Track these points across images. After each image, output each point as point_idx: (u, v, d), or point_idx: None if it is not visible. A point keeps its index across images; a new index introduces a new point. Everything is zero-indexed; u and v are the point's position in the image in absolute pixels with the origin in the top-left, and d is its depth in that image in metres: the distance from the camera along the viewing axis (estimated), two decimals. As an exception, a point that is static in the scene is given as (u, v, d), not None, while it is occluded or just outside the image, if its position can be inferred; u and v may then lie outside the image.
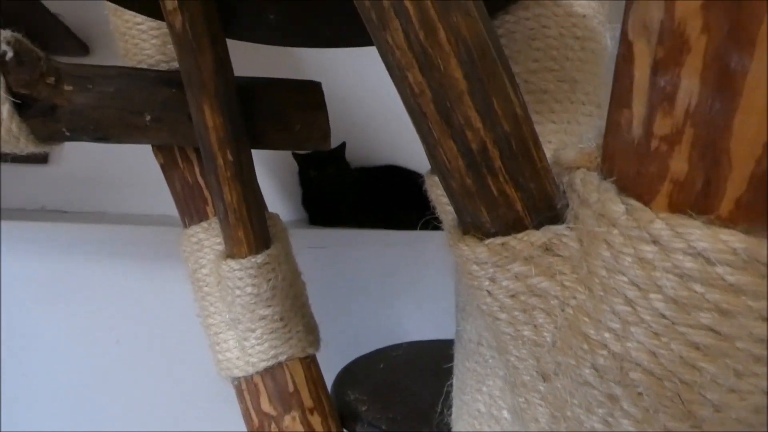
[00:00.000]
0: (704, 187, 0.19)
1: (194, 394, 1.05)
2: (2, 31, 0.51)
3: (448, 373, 0.61)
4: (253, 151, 0.58)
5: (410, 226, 1.17)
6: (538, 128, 0.27)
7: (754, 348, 0.19)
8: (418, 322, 1.14)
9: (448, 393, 0.61)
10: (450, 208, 0.52)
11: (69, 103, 0.54)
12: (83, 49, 1.01)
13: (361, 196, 1.16)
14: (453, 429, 0.58)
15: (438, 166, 0.27)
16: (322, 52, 0.66)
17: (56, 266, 1.01)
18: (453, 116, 0.24)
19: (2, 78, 0.50)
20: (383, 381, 0.76)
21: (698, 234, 0.19)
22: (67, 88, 0.54)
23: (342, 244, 1.12)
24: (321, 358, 0.68)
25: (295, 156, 1.15)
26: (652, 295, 0.21)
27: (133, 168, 1.09)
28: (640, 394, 0.23)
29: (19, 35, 0.52)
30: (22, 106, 0.53)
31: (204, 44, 0.49)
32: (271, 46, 0.57)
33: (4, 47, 0.50)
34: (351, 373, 0.78)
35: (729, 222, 0.19)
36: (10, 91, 0.51)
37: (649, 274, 0.20)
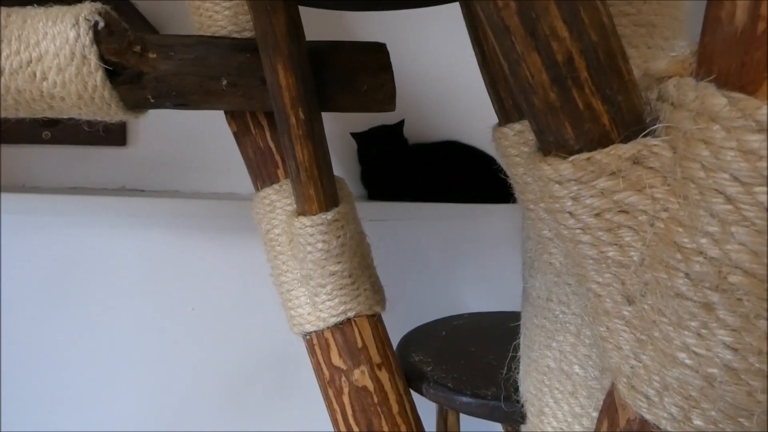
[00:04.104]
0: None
1: (262, 359, 1.10)
2: (92, 3, 0.56)
3: (512, 339, 0.61)
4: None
5: (470, 201, 1.17)
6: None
7: None
8: (478, 295, 1.13)
9: (514, 355, 0.60)
10: (519, 159, 0.51)
11: (154, 70, 0.58)
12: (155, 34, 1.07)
13: (419, 172, 1.17)
14: (520, 386, 0.58)
15: (519, 84, 0.27)
16: (382, 32, 0.67)
17: (137, 238, 1.09)
18: (538, 27, 0.24)
19: (95, 46, 0.55)
20: (446, 345, 0.77)
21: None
22: (152, 55, 0.58)
23: (402, 217, 1.13)
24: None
25: (354, 134, 1.17)
26: (756, 189, 0.20)
27: (203, 150, 1.16)
28: (739, 299, 0.22)
29: (107, 6, 0.56)
30: (112, 74, 0.57)
31: (278, 6, 0.51)
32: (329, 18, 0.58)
33: (96, 17, 0.55)
34: (413, 338, 0.79)
35: None
36: (102, 59, 0.55)
37: (754, 165, 0.20)
